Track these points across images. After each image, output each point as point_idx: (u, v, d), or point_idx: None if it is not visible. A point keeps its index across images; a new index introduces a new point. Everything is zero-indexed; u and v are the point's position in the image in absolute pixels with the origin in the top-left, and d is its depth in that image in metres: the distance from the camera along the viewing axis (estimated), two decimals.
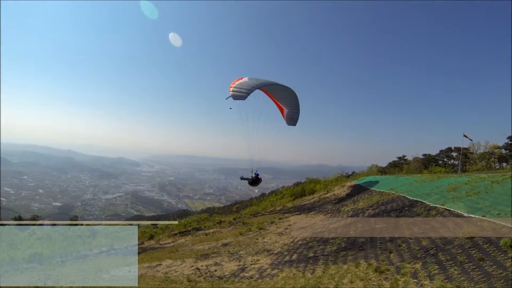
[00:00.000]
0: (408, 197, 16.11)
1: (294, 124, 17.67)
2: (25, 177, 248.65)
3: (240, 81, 14.54)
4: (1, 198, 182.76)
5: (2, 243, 24.93)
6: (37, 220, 43.58)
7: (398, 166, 38.35)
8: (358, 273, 8.48)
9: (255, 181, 19.25)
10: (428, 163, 34.15)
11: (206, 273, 12.07)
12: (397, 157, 41.94)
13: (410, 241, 9.91)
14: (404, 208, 14.25)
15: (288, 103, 17.31)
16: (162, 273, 13.42)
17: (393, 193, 18.63)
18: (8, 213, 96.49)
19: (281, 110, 17.71)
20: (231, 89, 14.45)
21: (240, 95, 14.07)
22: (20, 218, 43.52)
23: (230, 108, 29.80)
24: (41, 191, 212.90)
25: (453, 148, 36.70)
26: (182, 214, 76.37)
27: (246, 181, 19.83)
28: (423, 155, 37.13)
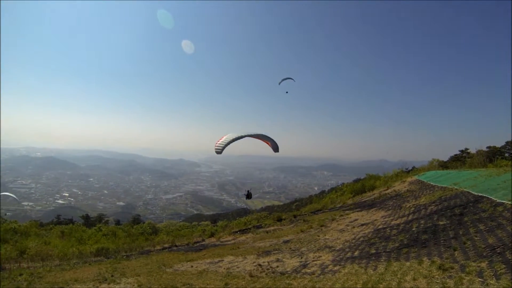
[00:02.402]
0: (473, 192, 15.42)
1: (278, 151, 21.50)
2: (91, 179, 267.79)
3: (220, 140, 18.41)
4: (70, 199, 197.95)
5: (72, 238, 27.23)
6: (102, 218, 46.80)
7: (461, 160, 36.27)
8: (421, 270, 8.40)
9: (248, 195, 24.18)
10: (493, 156, 31.86)
11: (268, 269, 12.41)
12: (459, 151, 39.70)
13: (476, 238, 9.61)
14: (469, 204, 13.70)
15: (266, 139, 20.70)
16: (224, 268, 13.85)
17: (456, 188, 17.90)
18: (76, 212, 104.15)
19: (267, 143, 21.22)
20: (214, 148, 18.45)
21: (218, 151, 18.19)
22: (87, 217, 47.00)
23: (287, 92, 30.71)
24: (106, 191, 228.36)
25: None
26: (242, 212, 77.62)
27: (245, 196, 25.22)
28: (487, 147, 34.68)
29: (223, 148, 18.14)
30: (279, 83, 30.19)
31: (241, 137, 18.48)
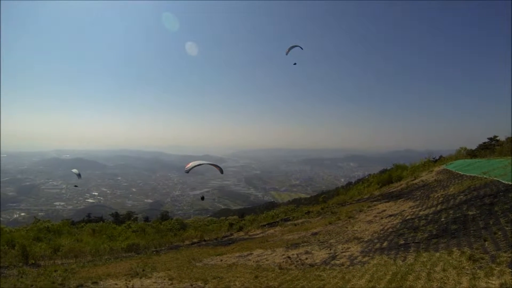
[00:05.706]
0: (503, 181, 15.08)
1: (222, 173, 24.96)
2: (119, 178, 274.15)
3: (188, 165, 21.89)
4: (99, 197, 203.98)
5: (103, 235, 28.14)
6: (131, 215, 48.11)
7: (489, 148, 35.12)
8: (451, 261, 8.42)
9: (202, 198, 31.52)
10: None
11: (297, 261, 12.62)
12: (488, 138, 38.45)
13: (506, 228, 9.52)
14: (499, 193, 13.44)
15: (215, 166, 24.17)
16: (253, 261, 14.08)
17: (485, 178, 17.47)
18: (105, 210, 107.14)
19: (216, 168, 24.16)
20: (185, 169, 22.03)
21: (186, 171, 21.89)
22: (116, 214, 48.31)
23: (295, 64, 30.56)
24: (134, 189, 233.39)
25: None
26: (269, 206, 77.77)
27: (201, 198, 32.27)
28: None
29: (190, 170, 21.96)
30: (287, 53, 29.42)
31: (201, 164, 22.46)
